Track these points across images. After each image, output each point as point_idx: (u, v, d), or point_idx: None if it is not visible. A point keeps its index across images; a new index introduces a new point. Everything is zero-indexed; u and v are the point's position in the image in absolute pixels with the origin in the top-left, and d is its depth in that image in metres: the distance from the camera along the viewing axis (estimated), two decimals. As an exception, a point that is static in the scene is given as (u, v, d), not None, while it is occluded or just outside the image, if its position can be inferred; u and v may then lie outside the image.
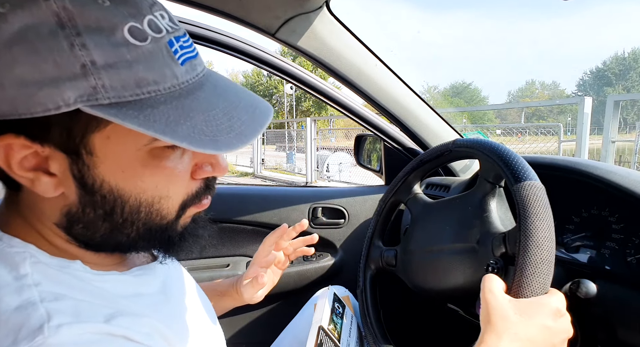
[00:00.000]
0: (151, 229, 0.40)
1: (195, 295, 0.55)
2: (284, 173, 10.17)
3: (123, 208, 0.37)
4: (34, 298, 0.32)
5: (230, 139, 0.34)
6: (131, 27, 0.32)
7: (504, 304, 0.48)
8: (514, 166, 0.58)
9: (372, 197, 1.19)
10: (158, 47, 0.34)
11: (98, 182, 0.36)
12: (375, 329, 0.77)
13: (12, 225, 0.39)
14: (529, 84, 78.28)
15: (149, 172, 0.37)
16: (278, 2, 0.80)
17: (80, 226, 0.38)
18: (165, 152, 0.37)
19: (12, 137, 0.33)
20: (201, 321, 0.52)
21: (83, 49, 0.30)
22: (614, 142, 3.66)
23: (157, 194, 0.38)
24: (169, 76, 0.34)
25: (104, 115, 0.31)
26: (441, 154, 0.75)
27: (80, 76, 0.31)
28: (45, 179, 0.35)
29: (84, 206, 0.37)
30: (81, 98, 0.31)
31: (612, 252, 0.67)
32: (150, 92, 0.33)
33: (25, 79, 0.30)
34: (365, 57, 0.98)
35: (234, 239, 1.16)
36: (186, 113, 0.34)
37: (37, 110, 0.31)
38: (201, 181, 0.42)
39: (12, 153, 0.33)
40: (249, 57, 1.01)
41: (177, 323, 0.45)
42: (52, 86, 0.30)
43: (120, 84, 0.32)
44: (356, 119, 1.10)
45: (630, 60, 62.12)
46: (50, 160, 0.35)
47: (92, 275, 0.39)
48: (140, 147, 0.35)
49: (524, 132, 6.49)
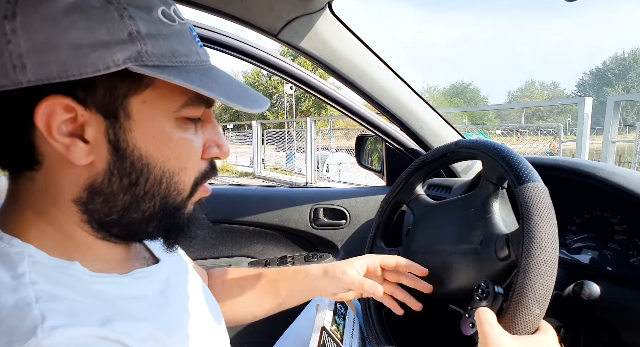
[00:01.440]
0: (166, 205, 0.42)
1: (199, 297, 0.54)
2: (284, 173, 10.17)
3: (147, 178, 0.39)
4: (29, 297, 0.32)
5: (252, 103, 0.40)
6: (163, 10, 0.38)
7: (505, 341, 0.47)
8: (517, 167, 0.58)
9: (373, 197, 1.19)
10: (184, 29, 0.39)
11: (131, 146, 0.38)
12: (378, 330, 0.77)
13: (16, 222, 0.39)
14: (528, 84, 78.31)
15: (175, 140, 0.40)
16: (281, 3, 0.80)
17: (100, 199, 0.39)
18: (186, 124, 0.41)
19: (60, 97, 0.35)
20: (203, 323, 0.51)
21: (130, 20, 0.35)
22: (614, 143, 3.66)
23: (178, 164, 0.41)
24: (194, 52, 0.39)
25: (151, 73, 0.35)
26: (444, 155, 0.75)
27: (128, 42, 0.35)
28: (80, 145, 0.37)
29: (111, 175, 0.38)
30: (129, 59, 0.35)
31: (615, 254, 0.67)
32: (182, 62, 0.38)
33: (80, 42, 0.33)
34: (367, 58, 0.98)
35: (235, 239, 1.16)
36: (213, 80, 0.39)
37: (87, 71, 0.34)
38: (207, 161, 0.44)
39: (55, 116, 0.35)
40: (249, 57, 1.01)
41: (176, 327, 0.45)
42: (103, 49, 0.34)
43: (159, 51, 0.36)
44: (357, 119, 1.10)
45: (630, 61, 62.13)
46: (86, 126, 0.37)
47: (90, 277, 0.39)
48: (170, 113, 0.39)
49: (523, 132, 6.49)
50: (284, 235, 1.18)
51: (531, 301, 0.49)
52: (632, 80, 61.61)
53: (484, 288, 0.57)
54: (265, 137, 11.51)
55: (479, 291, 0.57)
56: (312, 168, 7.92)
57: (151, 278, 0.45)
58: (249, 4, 0.80)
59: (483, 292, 0.57)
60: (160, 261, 0.50)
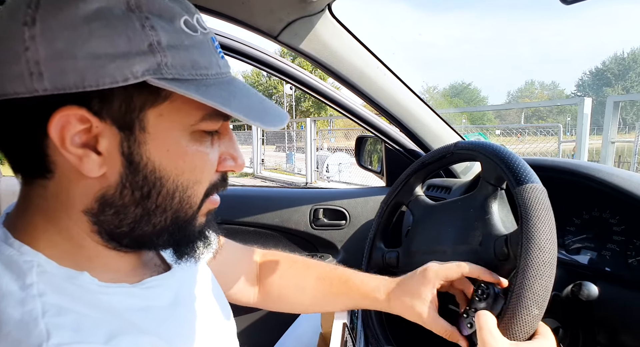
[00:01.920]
0: (178, 219, 0.41)
1: (212, 305, 0.53)
2: (284, 173, 10.17)
3: (160, 191, 0.39)
4: (36, 311, 0.32)
5: (271, 119, 0.39)
6: (186, 19, 0.37)
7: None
8: (516, 169, 0.58)
9: (373, 198, 1.19)
10: (206, 39, 0.38)
11: (144, 159, 0.37)
12: (378, 331, 0.77)
13: (27, 229, 0.38)
14: (528, 84, 78.33)
15: (190, 154, 0.39)
16: (281, 5, 0.81)
17: (111, 211, 0.38)
18: (203, 137, 0.40)
19: (75, 108, 0.34)
20: (212, 330, 0.50)
21: (152, 30, 0.34)
22: (613, 143, 3.67)
23: (192, 178, 0.40)
24: (214, 64, 0.38)
25: (170, 87, 0.34)
26: (443, 156, 0.75)
27: (148, 53, 0.34)
28: (93, 157, 0.36)
29: (123, 187, 0.38)
30: (148, 72, 0.34)
31: (613, 254, 0.67)
32: (202, 75, 0.37)
33: (99, 51, 0.33)
34: (367, 59, 0.98)
35: (235, 240, 1.16)
36: (233, 95, 0.38)
37: (104, 82, 0.33)
38: (220, 173, 0.44)
39: (69, 127, 0.34)
40: (249, 59, 1.01)
41: (183, 338, 0.44)
42: (122, 60, 0.33)
43: (179, 63, 0.35)
44: (356, 120, 1.10)
45: (630, 61, 62.16)
46: (100, 138, 0.36)
47: (99, 287, 0.38)
48: (187, 127, 0.38)
49: (523, 132, 6.49)
50: (284, 236, 1.19)
51: (530, 301, 0.49)
52: (631, 81, 61.64)
53: (484, 289, 0.57)
54: (265, 137, 11.50)
55: (479, 292, 0.57)
56: (312, 168, 7.92)
57: (162, 287, 0.45)
58: (250, 6, 0.81)
59: (483, 293, 0.57)
60: (173, 268, 0.49)
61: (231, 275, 0.68)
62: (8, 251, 0.36)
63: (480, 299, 0.57)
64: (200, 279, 0.53)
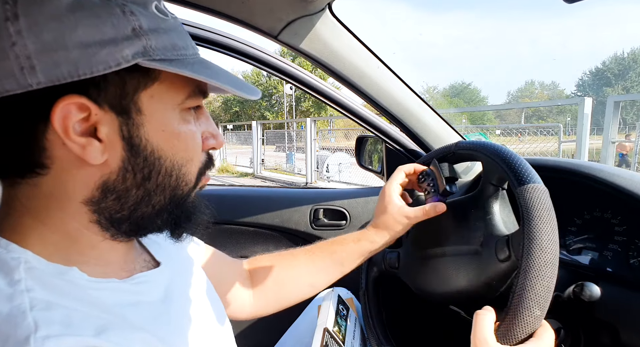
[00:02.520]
0: (175, 196, 0.42)
1: (202, 299, 0.53)
2: (284, 173, 10.17)
3: (159, 171, 0.40)
4: (24, 305, 0.32)
5: (251, 90, 0.41)
6: (156, 4, 0.38)
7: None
8: (518, 169, 0.58)
9: (373, 198, 1.19)
10: (177, 23, 0.40)
11: (143, 141, 0.39)
12: (378, 331, 0.77)
13: (14, 229, 0.38)
14: (528, 84, 78.27)
15: (182, 133, 0.41)
16: (281, 4, 0.80)
17: (113, 196, 0.39)
18: (189, 115, 0.42)
19: (75, 96, 0.34)
20: (206, 327, 0.50)
21: (132, 15, 0.35)
22: (614, 143, 3.67)
23: (186, 156, 0.42)
24: (190, 46, 0.40)
25: (161, 67, 0.36)
26: (444, 157, 0.75)
27: (133, 37, 0.35)
28: (96, 144, 0.36)
29: (125, 171, 0.39)
30: (137, 55, 0.35)
31: (615, 255, 0.67)
32: (183, 55, 0.38)
33: (88, 40, 0.33)
34: (367, 59, 0.98)
35: (235, 240, 1.16)
36: (215, 71, 0.40)
37: (98, 69, 0.34)
38: (205, 153, 0.46)
39: (70, 116, 0.35)
40: (249, 58, 1.01)
41: (176, 335, 0.44)
42: (112, 45, 0.34)
43: (162, 45, 0.37)
44: (356, 119, 1.10)
45: (630, 61, 62.13)
46: (99, 125, 0.36)
47: (88, 282, 0.38)
48: (175, 106, 0.40)
49: (523, 132, 6.49)
50: (284, 236, 1.19)
51: (532, 302, 0.49)
52: (631, 80, 61.61)
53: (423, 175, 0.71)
54: (265, 137, 11.50)
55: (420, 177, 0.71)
56: (312, 168, 7.92)
57: (152, 283, 0.45)
58: (250, 5, 0.80)
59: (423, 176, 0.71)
60: (162, 265, 0.49)
61: (222, 287, 0.67)
62: None
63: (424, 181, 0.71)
64: (192, 280, 0.53)
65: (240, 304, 0.70)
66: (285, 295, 0.73)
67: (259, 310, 0.72)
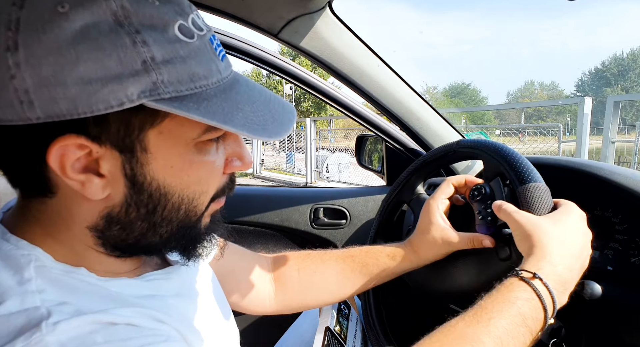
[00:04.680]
0: (184, 227, 0.40)
1: (213, 304, 0.53)
2: (284, 173, 10.17)
3: (165, 206, 0.38)
4: (36, 305, 0.32)
5: (275, 127, 0.37)
6: (180, 25, 0.33)
7: (539, 220, 0.51)
8: (519, 167, 0.58)
9: (373, 197, 1.19)
10: (203, 43, 0.35)
11: (148, 179, 0.36)
12: (378, 330, 0.77)
13: (24, 233, 0.38)
14: (527, 84, 78.31)
15: (195, 166, 0.38)
16: (281, 2, 0.80)
17: (117, 226, 0.38)
18: (207, 146, 0.38)
19: (73, 137, 0.32)
20: (214, 325, 0.50)
21: (144, 46, 0.31)
22: (613, 143, 3.67)
23: (199, 189, 0.39)
24: (214, 71, 0.35)
25: (168, 109, 0.32)
26: (445, 155, 0.74)
27: (142, 72, 0.31)
28: (95, 180, 0.35)
29: (128, 206, 0.37)
30: (144, 93, 0.32)
31: (616, 253, 0.67)
32: (202, 86, 0.34)
33: (89, 76, 0.30)
34: (367, 57, 0.97)
35: (235, 239, 1.15)
36: (235, 105, 0.36)
37: (99, 108, 0.31)
38: (227, 175, 0.43)
39: (68, 155, 0.33)
40: (249, 57, 1.00)
41: (189, 328, 0.43)
42: (115, 82, 0.31)
43: (177, 78, 0.33)
44: (357, 118, 1.09)
45: (629, 61, 62.17)
46: (101, 161, 0.35)
47: (98, 281, 0.38)
48: (189, 141, 0.37)
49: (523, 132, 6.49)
50: (284, 235, 1.18)
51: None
52: (631, 80, 61.66)
53: (477, 188, 0.63)
54: (264, 137, 11.46)
55: (475, 194, 0.63)
56: (312, 168, 7.91)
57: (163, 281, 0.44)
58: (250, 4, 0.80)
59: (478, 193, 0.62)
60: (172, 265, 0.49)
61: (245, 283, 0.67)
62: (5, 245, 0.36)
63: (478, 200, 0.63)
64: (200, 279, 0.53)
65: (262, 299, 0.68)
66: (309, 301, 0.71)
67: (279, 310, 0.70)
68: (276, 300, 0.69)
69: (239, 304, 0.66)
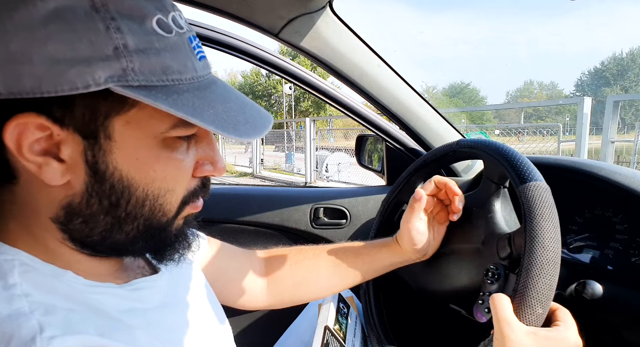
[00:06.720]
0: (151, 226, 0.39)
1: (205, 310, 0.52)
2: (283, 173, 10.17)
3: (129, 200, 0.37)
4: (24, 309, 0.31)
5: (247, 129, 0.36)
6: (159, 19, 0.34)
7: (522, 339, 0.46)
8: (519, 167, 0.58)
9: (374, 197, 1.19)
10: (181, 40, 0.35)
11: (111, 168, 0.35)
12: (379, 329, 0.77)
13: (2, 232, 0.37)
14: (527, 84, 78.36)
15: (162, 162, 0.37)
16: (282, 2, 0.80)
17: (79, 220, 0.37)
18: (176, 143, 0.38)
19: (33, 115, 0.32)
20: (205, 331, 0.50)
21: (118, 32, 0.31)
22: (613, 143, 3.67)
23: (164, 186, 0.38)
24: (190, 68, 0.35)
25: (134, 96, 0.32)
26: (445, 154, 0.74)
27: (112, 58, 0.31)
28: (54, 165, 0.34)
29: (90, 196, 0.36)
30: (112, 78, 0.31)
31: (616, 253, 0.67)
32: (175, 80, 0.34)
33: (57, 56, 0.30)
34: (368, 57, 0.97)
35: (235, 239, 1.15)
36: (208, 102, 0.35)
37: (63, 89, 0.31)
38: (199, 179, 0.42)
39: (26, 134, 0.32)
40: (249, 56, 1.00)
41: (175, 341, 0.43)
42: (83, 65, 0.31)
43: (148, 68, 0.33)
44: (357, 118, 1.09)
45: (628, 61, 62.20)
46: (62, 145, 0.34)
47: (84, 286, 0.37)
48: (157, 134, 0.36)
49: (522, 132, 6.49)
50: (284, 235, 1.18)
51: (534, 300, 0.49)
52: (630, 80, 61.70)
53: (494, 271, 0.57)
54: (264, 137, 11.49)
55: (489, 274, 0.57)
56: (312, 168, 7.92)
57: (150, 289, 0.44)
58: (250, 3, 0.80)
59: (493, 275, 0.57)
60: (161, 271, 0.48)
61: (236, 281, 0.67)
62: None
63: (492, 282, 0.57)
64: (191, 284, 0.53)
65: (254, 295, 0.69)
66: (301, 295, 0.72)
67: (272, 305, 0.71)
68: (268, 295, 0.70)
69: (230, 300, 0.67)
